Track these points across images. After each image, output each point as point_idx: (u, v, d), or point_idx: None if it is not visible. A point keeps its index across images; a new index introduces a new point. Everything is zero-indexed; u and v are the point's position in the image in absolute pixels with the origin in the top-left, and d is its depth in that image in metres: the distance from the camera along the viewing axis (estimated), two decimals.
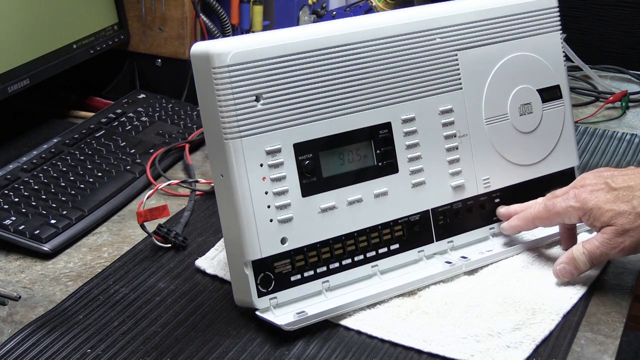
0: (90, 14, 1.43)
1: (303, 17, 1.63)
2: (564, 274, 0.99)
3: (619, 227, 0.95)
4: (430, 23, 1.02)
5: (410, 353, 0.89)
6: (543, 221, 1.01)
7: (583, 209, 0.97)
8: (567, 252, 0.99)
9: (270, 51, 0.91)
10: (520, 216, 1.03)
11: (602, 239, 0.96)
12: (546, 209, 1.00)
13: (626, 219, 0.94)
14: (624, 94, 1.54)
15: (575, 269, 0.98)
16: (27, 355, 0.88)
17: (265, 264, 0.92)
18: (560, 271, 0.99)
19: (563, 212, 0.98)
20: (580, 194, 0.97)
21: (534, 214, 1.01)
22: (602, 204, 0.95)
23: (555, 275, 0.99)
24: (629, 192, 0.96)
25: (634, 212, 0.94)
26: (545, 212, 1.00)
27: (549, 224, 1.02)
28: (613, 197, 0.96)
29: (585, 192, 0.97)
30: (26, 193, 1.14)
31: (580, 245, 0.97)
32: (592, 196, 0.96)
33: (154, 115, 1.40)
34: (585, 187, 0.98)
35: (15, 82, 1.27)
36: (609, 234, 0.95)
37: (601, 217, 0.95)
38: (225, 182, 0.91)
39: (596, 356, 0.89)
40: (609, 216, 0.95)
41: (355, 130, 0.97)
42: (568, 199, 0.98)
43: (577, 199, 0.97)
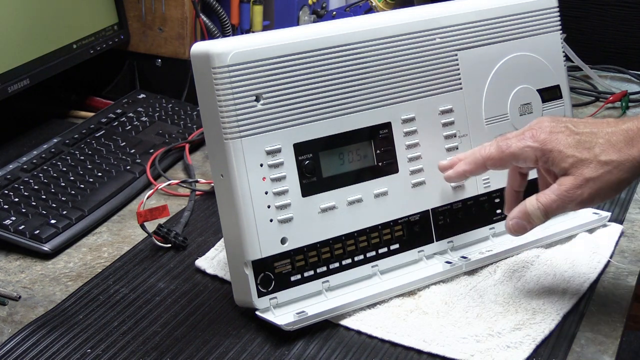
0: (90, 14, 1.43)
1: (303, 17, 1.63)
2: (517, 229, 0.93)
3: (578, 176, 0.88)
4: (430, 23, 1.02)
5: (410, 353, 0.89)
6: (495, 162, 0.94)
7: (542, 149, 0.90)
8: (520, 206, 0.92)
9: (270, 51, 0.91)
10: (468, 160, 0.96)
11: (559, 192, 0.89)
12: (499, 149, 0.93)
13: (587, 167, 0.88)
14: (624, 94, 1.54)
15: (529, 223, 0.92)
16: (27, 355, 0.88)
17: (265, 264, 0.92)
18: (513, 226, 0.93)
19: (519, 153, 0.91)
20: (538, 134, 0.91)
21: (485, 155, 0.94)
22: (563, 148, 0.89)
23: (507, 230, 0.94)
24: (592, 137, 0.89)
25: (596, 160, 0.88)
26: (498, 153, 0.93)
27: (501, 166, 0.95)
28: (574, 142, 0.89)
29: (544, 132, 0.91)
30: (26, 193, 1.14)
31: (534, 198, 0.91)
32: (551, 137, 0.90)
33: (154, 115, 1.40)
34: (544, 128, 0.91)
35: (15, 82, 1.27)
36: (566, 186, 0.89)
37: (561, 162, 0.89)
38: (225, 182, 0.91)
39: (596, 356, 0.89)
40: (570, 163, 0.89)
41: (355, 130, 0.97)
42: (524, 138, 0.91)
43: (535, 139, 0.91)
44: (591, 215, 1.12)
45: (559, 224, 1.10)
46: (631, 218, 1.16)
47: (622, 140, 0.89)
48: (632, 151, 0.88)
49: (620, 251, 1.08)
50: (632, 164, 0.88)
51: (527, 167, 0.95)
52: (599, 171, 0.88)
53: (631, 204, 1.20)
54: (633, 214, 1.18)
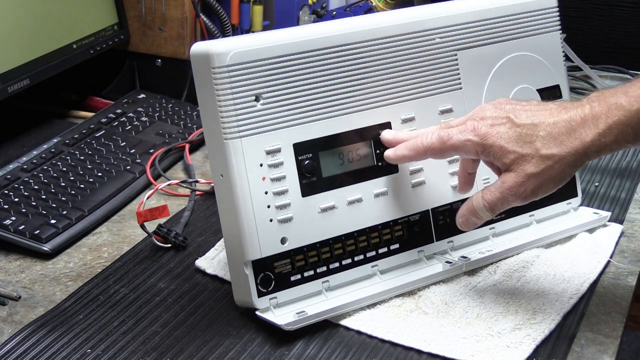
0: (90, 14, 1.43)
1: (303, 17, 1.63)
2: (468, 224, 0.94)
3: (520, 173, 0.88)
4: (430, 23, 1.02)
5: (410, 353, 0.89)
6: (435, 153, 0.93)
7: (482, 144, 0.89)
8: (467, 202, 0.93)
9: (270, 51, 0.91)
10: (409, 145, 0.95)
11: (502, 189, 0.89)
12: (440, 140, 0.92)
13: (529, 163, 0.88)
14: None
15: (478, 219, 0.93)
16: (27, 355, 0.88)
17: (265, 264, 0.92)
18: (464, 223, 0.94)
19: (459, 146, 0.91)
20: (479, 127, 0.90)
21: (426, 144, 0.93)
22: (505, 143, 0.88)
23: (459, 226, 0.95)
24: (533, 130, 0.88)
25: (537, 154, 0.88)
26: (440, 144, 0.92)
27: (441, 157, 0.94)
28: (516, 135, 0.88)
29: (485, 125, 0.89)
30: (26, 193, 1.14)
31: (480, 195, 0.91)
32: (492, 130, 0.89)
33: (154, 115, 1.40)
34: (485, 120, 0.90)
35: (15, 82, 1.27)
36: (509, 183, 0.89)
37: (502, 157, 0.89)
38: (225, 182, 0.91)
39: (596, 356, 0.89)
40: (512, 159, 0.88)
41: (355, 130, 0.97)
42: (466, 131, 0.90)
43: (476, 133, 0.90)
44: (591, 215, 1.12)
45: (559, 224, 1.10)
46: (631, 218, 1.16)
47: (564, 132, 0.88)
48: (574, 143, 0.87)
49: (620, 251, 1.08)
50: (575, 156, 0.88)
51: (468, 158, 0.95)
52: (540, 166, 0.88)
53: (631, 204, 1.20)
54: (633, 214, 1.18)
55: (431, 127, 0.94)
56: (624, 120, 0.86)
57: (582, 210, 1.14)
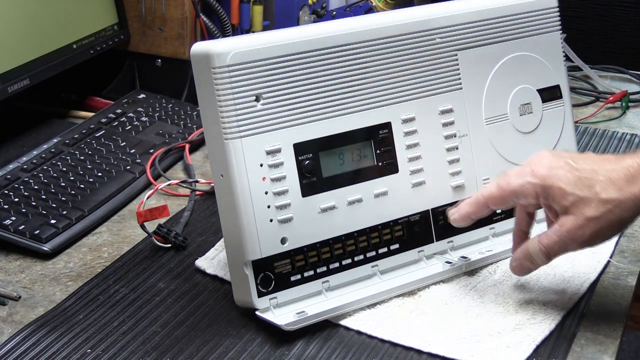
0: (90, 14, 1.43)
1: (303, 17, 1.63)
2: (522, 270, 0.94)
3: (579, 216, 0.87)
4: (430, 23, 1.02)
5: (410, 353, 0.89)
6: (497, 202, 0.93)
7: (542, 186, 0.89)
8: (523, 247, 0.93)
9: (270, 51, 0.91)
10: (470, 201, 0.95)
11: (560, 232, 0.89)
12: (499, 187, 0.92)
13: (588, 206, 0.87)
14: (624, 94, 1.54)
15: (533, 264, 0.92)
16: (27, 355, 0.88)
17: (265, 264, 0.92)
18: (516, 267, 0.94)
19: (519, 190, 0.90)
20: (538, 170, 0.89)
21: (486, 195, 0.93)
22: (564, 185, 0.88)
23: (512, 271, 0.95)
24: (592, 175, 0.88)
25: (597, 198, 0.87)
26: (499, 191, 0.92)
27: (503, 205, 0.94)
28: (575, 179, 0.88)
29: (544, 168, 0.89)
30: (26, 193, 1.14)
31: (537, 240, 0.91)
32: (551, 173, 0.89)
33: (154, 115, 1.40)
34: (543, 164, 0.90)
35: (15, 82, 1.27)
36: (568, 227, 0.88)
37: (561, 200, 0.88)
38: (225, 182, 0.91)
39: (596, 356, 0.89)
40: (571, 201, 0.87)
41: (355, 130, 0.97)
42: (524, 175, 0.90)
43: (535, 175, 0.89)
44: None
45: None
46: None
47: (623, 178, 0.87)
48: (633, 188, 0.87)
49: (620, 251, 1.08)
50: (634, 202, 0.87)
51: (528, 204, 0.93)
52: (600, 210, 0.87)
53: None
54: None
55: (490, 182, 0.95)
56: None
57: None
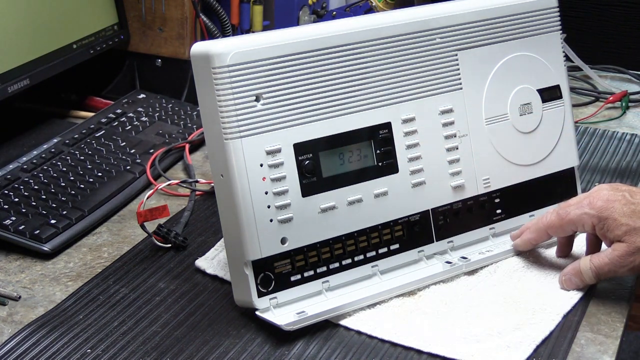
0: (90, 14, 1.43)
1: (303, 17, 1.63)
2: (570, 285, 0.98)
3: (631, 244, 0.93)
4: (430, 23, 1.02)
5: (410, 353, 0.89)
6: (556, 230, 1.00)
7: (598, 217, 0.95)
8: (574, 264, 0.98)
9: (270, 51, 0.91)
10: (532, 228, 1.02)
11: (611, 256, 0.94)
12: (559, 217, 0.98)
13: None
14: (624, 94, 1.54)
15: (581, 281, 0.98)
16: (27, 355, 0.88)
17: (265, 264, 0.92)
18: (565, 282, 0.99)
19: (577, 220, 0.97)
20: (595, 202, 0.96)
21: (546, 223, 1.00)
22: (618, 216, 0.94)
23: (560, 284, 0.99)
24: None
25: None
26: (558, 220, 0.98)
27: (562, 233, 1.01)
28: (630, 211, 0.94)
29: (601, 200, 0.96)
30: (26, 193, 1.14)
31: (588, 259, 0.97)
32: (608, 205, 0.95)
33: (154, 115, 1.40)
34: (602, 197, 0.96)
35: (15, 82, 1.27)
36: (619, 252, 0.94)
37: (615, 229, 0.94)
38: (225, 182, 0.91)
39: (596, 356, 0.89)
40: (624, 230, 0.93)
41: (355, 130, 0.97)
42: (582, 206, 0.97)
43: (592, 207, 0.96)
44: None
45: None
46: None
47: None
48: None
49: None
50: None
51: (585, 232, 0.99)
52: None
53: None
54: None
55: (550, 210, 1.01)
56: None
57: None
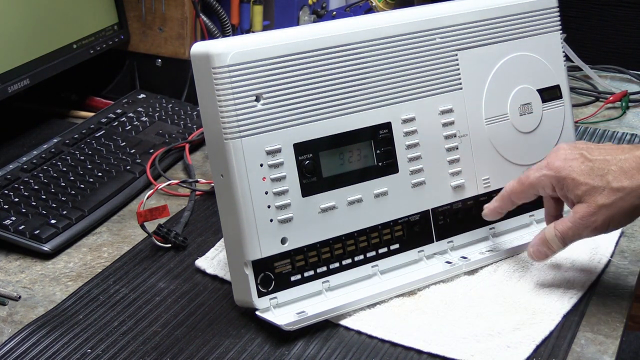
0: (90, 14, 1.43)
1: (303, 17, 1.63)
2: (539, 255, 0.98)
3: (591, 204, 0.92)
4: (430, 23, 1.02)
5: (410, 353, 0.89)
6: (518, 195, 0.99)
7: (556, 177, 0.94)
8: (540, 234, 0.97)
9: (270, 51, 0.91)
10: (498, 197, 1.01)
11: (574, 219, 0.93)
12: (520, 182, 0.98)
13: (600, 195, 0.91)
14: (624, 94, 1.54)
15: (550, 249, 0.97)
16: (27, 355, 0.88)
17: (265, 264, 0.92)
18: (534, 253, 0.98)
19: (536, 182, 0.96)
20: (553, 163, 0.95)
21: (509, 190, 0.99)
22: (577, 175, 0.93)
23: (529, 257, 0.99)
24: (604, 165, 0.92)
25: (608, 187, 0.91)
26: (519, 186, 0.98)
27: (525, 198, 0.99)
28: (587, 169, 0.93)
29: (559, 160, 0.95)
30: (26, 193, 1.14)
31: (552, 226, 0.96)
32: (565, 164, 0.94)
33: (154, 115, 1.40)
34: (559, 156, 0.95)
35: (15, 82, 1.27)
36: (581, 213, 0.92)
37: (575, 189, 0.93)
38: (225, 182, 0.91)
39: (596, 356, 0.89)
40: (583, 190, 0.92)
41: (355, 130, 0.97)
42: (541, 168, 0.96)
43: (550, 168, 0.95)
44: None
45: None
46: None
47: (635, 167, 0.91)
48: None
49: (620, 251, 1.08)
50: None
51: (548, 194, 0.98)
52: (611, 198, 0.91)
53: None
54: None
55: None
56: None
57: None
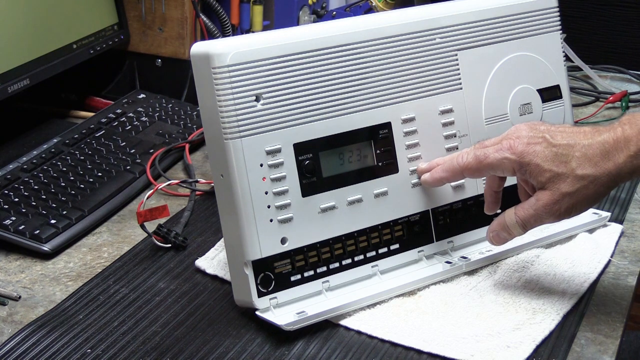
0: (90, 14, 1.43)
1: (303, 17, 1.63)
2: (498, 240, 0.95)
3: (555, 192, 0.89)
4: (430, 23, 1.02)
5: (410, 353, 0.89)
6: (472, 172, 0.95)
7: (519, 162, 0.91)
8: (499, 218, 0.94)
9: (270, 51, 0.91)
10: (445, 167, 0.97)
11: (536, 206, 0.91)
12: (477, 159, 0.93)
13: (564, 182, 0.89)
14: (624, 94, 1.54)
15: (509, 235, 0.94)
16: (27, 355, 0.88)
17: (265, 264, 0.92)
18: (494, 238, 0.95)
19: (496, 164, 0.92)
20: (516, 146, 0.91)
21: (462, 164, 0.94)
22: (540, 161, 0.90)
23: (489, 241, 0.97)
24: (568, 150, 0.90)
25: (572, 175, 0.89)
26: (476, 163, 0.93)
27: (478, 175, 0.97)
28: (552, 155, 0.90)
29: (522, 144, 0.91)
30: (26, 193, 1.14)
31: (513, 211, 0.93)
32: (529, 149, 0.90)
33: (154, 115, 1.40)
34: (521, 139, 0.91)
35: (15, 82, 1.27)
36: (544, 201, 0.90)
37: (538, 176, 0.90)
38: (225, 182, 0.91)
39: (596, 356, 0.89)
40: (547, 177, 0.90)
41: (355, 130, 0.97)
42: (502, 149, 0.92)
43: (513, 151, 0.91)
44: (591, 215, 1.12)
45: (559, 224, 1.10)
46: (631, 218, 1.17)
47: (599, 154, 0.89)
48: (607, 165, 0.89)
49: (620, 251, 1.08)
50: (608, 177, 0.89)
51: (504, 176, 0.96)
52: (575, 186, 0.89)
53: (631, 204, 1.20)
54: (633, 214, 1.18)
55: (466, 149, 0.96)
56: None
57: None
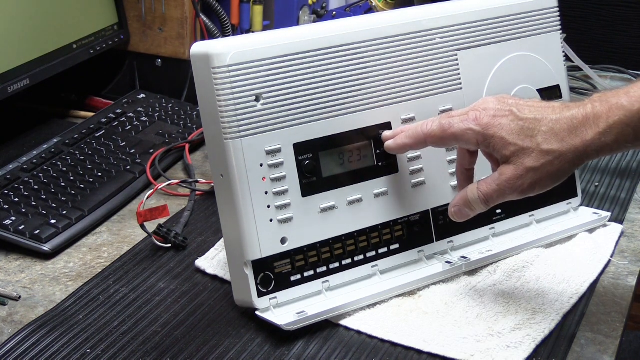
0: (90, 14, 1.43)
1: (303, 17, 1.63)
2: (460, 216, 0.93)
3: (519, 166, 0.87)
4: (430, 23, 1.02)
5: (410, 353, 0.89)
6: (436, 141, 0.92)
7: (484, 134, 0.89)
8: (462, 193, 0.92)
9: (270, 51, 0.91)
10: (409, 133, 0.94)
11: (499, 181, 0.89)
12: (441, 128, 0.91)
13: (529, 157, 0.87)
14: None
15: (472, 211, 0.92)
16: (27, 355, 0.88)
17: (265, 264, 0.92)
18: (456, 213, 0.93)
19: (460, 135, 0.90)
20: (481, 118, 0.89)
21: (426, 131, 0.92)
22: (506, 135, 0.88)
23: (450, 216, 0.94)
24: (535, 125, 0.88)
25: (538, 149, 0.87)
26: (440, 132, 0.91)
27: (441, 145, 0.93)
28: (518, 128, 0.88)
29: (488, 116, 0.89)
30: (26, 193, 1.14)
31: (475, 187, 0.91)
32: (495, 121, 0.88)
33: (154, 115, 1.40)
34: (488, 111, 0.89)
35: (15, 82, 1.27)
36: (507, 175, 0.88)
37: (502, 149, 0.88)
38: (225, 182, 0.91)
39: (596, 356, 0.89)
40: (512, 151, 0.87)
41: (355, 130, 0.97)
42: (468, 120, 0.90)
43: (478, 123, 0.89)
44: (591, 215, 1.12)
45: (558, 224, 1.10)
46: (631, 218, 1.17)
47: (566, 129, 0.87)
48: (574, 141, 0.87)
49: (620, 251, 1.08)
50: (574, 154, 0.87)
51: (468, 148, 0.94)
52: (540, 161, 0.87)
53: (631, 204, 1.20)
54: (633, 214, 1.18)
55: (432, 117, 0.94)
56: (625, 120, 0.86)
57: (582, 210, 1.14)
